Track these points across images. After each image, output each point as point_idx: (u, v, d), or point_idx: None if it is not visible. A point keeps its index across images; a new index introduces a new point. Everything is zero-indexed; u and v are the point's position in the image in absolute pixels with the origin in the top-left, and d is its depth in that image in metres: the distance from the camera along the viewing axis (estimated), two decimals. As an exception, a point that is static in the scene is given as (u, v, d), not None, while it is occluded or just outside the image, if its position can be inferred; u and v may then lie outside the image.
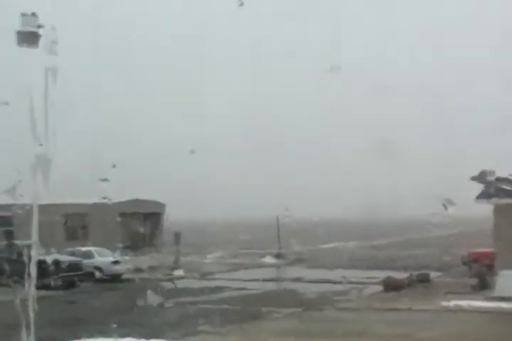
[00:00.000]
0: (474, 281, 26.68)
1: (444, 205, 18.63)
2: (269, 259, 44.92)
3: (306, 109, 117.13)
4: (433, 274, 31.47)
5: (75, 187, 36.24)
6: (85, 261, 32.15)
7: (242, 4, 8.81)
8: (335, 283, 31.45)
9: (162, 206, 47.63)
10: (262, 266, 42.20)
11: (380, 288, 28.42)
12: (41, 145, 7.48)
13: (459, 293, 25.07)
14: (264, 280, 33.72)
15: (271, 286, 31.84)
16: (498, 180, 24.32)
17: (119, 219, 38.94)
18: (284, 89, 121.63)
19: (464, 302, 22.84)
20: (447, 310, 22.05)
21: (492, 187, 24.44)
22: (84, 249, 34.42)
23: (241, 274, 36.98)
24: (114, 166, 15.37)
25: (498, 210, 24.23)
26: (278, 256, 45.38)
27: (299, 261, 44.38)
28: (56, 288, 28.49)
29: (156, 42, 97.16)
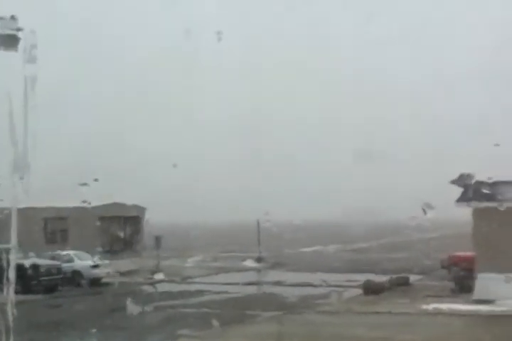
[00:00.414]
0: (453, 285, 26.83)
1: (424, 210, 18.68)
2: (249, 263, 44.88)
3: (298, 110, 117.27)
4: (413, 277, 31.61)
5: (60, 190, 36.02)
6: (64, 265, 31.93)
7: (220, 39, 8.78)
8: (315, 286, 31.49)
9: (142, 210, 47.38)
10: (242, 269, 42.15)
11: (360, 291, 28.50)
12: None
13: (439, 296, 25.21)
14: (245, 283, 33.69)
15: (251, 290, 31.83)
16: (477, 183, 24.41)
17: (98, 222, 38.74)
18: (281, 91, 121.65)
19: (443, 306, 22.97)
20: (427, 313, 22.16)
21: (471, 191, 24.55)
22: (63, 252, 34.20)
23: (222, 278, 36.92)
24: (96, 180, 15.26)
25: (477, 213, 24.35)
26: (259, 259, 45.38)
27: (279, 264, 44.40)
28: (35, 292, 28.23)
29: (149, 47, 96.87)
